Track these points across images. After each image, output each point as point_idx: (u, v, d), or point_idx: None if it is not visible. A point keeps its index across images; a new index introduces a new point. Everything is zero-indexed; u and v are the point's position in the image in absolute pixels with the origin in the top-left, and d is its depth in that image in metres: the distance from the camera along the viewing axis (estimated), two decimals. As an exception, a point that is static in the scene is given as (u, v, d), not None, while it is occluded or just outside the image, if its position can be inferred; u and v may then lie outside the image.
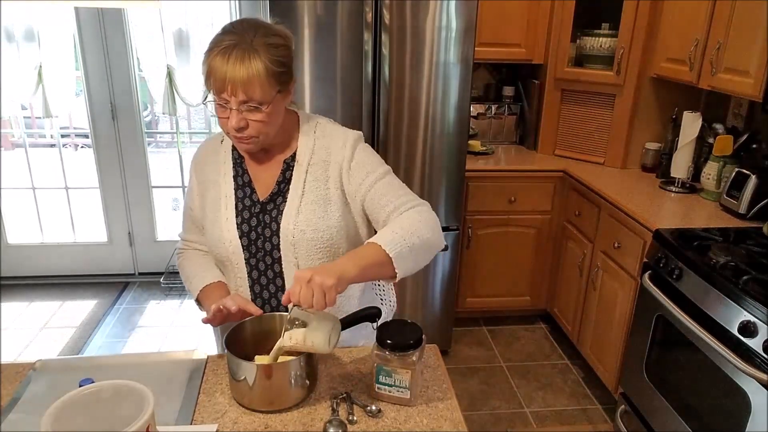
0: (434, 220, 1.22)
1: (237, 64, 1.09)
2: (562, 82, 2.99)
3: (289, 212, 1.25)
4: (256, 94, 1.11)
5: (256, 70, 1.10)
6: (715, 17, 2.26)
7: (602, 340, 2.54)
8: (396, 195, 1.25)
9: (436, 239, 1.21)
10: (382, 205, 1.24)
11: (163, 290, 3.55)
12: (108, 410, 0.87)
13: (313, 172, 1.27)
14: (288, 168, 1.28)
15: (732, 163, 2.36)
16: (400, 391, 1.12)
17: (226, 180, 1.31)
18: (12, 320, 3.19)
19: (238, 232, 1.28)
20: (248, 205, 1.29)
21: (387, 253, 1.10)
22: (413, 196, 1.27)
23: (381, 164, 1.29)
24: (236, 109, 1.13)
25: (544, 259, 3.07)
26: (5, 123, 3.83)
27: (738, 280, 1.70)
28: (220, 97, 1.13)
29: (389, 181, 1.27)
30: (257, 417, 1.08)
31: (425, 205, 1.25)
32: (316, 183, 1.26)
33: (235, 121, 1.13)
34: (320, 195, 1.26)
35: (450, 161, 2.58)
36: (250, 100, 1.12)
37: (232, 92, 1.11)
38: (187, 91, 3.25)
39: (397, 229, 1.15)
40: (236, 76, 1.09)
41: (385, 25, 2.35)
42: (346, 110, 2.45)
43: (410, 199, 1.25)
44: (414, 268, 1.18)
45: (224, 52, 1.10)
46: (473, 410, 2.54)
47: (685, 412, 1.89)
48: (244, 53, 1.10)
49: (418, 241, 1.15)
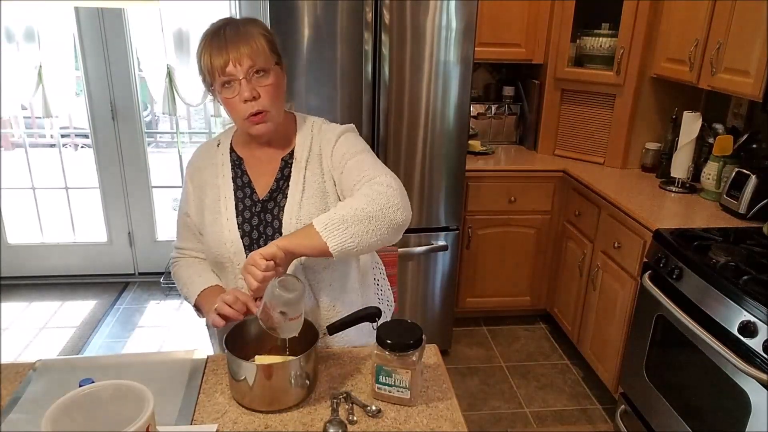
0: (380, 191, 1.14)
1: (234, 36, 1.15)
2: (562, 82, 2.99)
3: (290, 208, 1.25)
4: (259, 58, 1.16)
5: (253, 35, 1.17)
6: (715, 17, 2.26)
7: (602, 340, 2.54)
8: (358, 172, 1.21)
9: (379, 209, 1.12)
10: (349, 186, 1.22)
11: (163, 290, 3.55)
12: (108, 410, 0.87)
13: (311, 168, 1.28)
14: (286, 165, 1.29)
15: (732, 163, 2.36)
16: (400, 391, 1.12)
17: (225, 182, 1.31)
18: (12, 320, 3.19)
19: (240, 232, 1.27)
20: (248, 205, 1.29)
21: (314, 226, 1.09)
22: (374, 170, 1.20)
23: (358, 145, 1.28)
24: (244, 78, 1.16)
25: (544, 259, 3.07)
26: (5, 123, 3.83)
27: (738, 280, 1.70)
28: (226, 73, 1.15)
29: (360, 159, 1.24)
30: (257, 417, 1.08)
31: (381, 176, 1.18)
32: (314, 177, 1.27)
33: (248, 92, 1.16)
34: (319, 188, 1.27)
35: (450, 161, 2.58)
36: (255, 65, 1.16)
37: (236, 62, 1.14)
38: (187, 91, 3.25)
39: (336, 206, 1.15)
40: (237, 45, 1.14)
41: (385, 25, 2.35)
42: (346, 110, 2.45)
43: (367, 175, 1.19)
44: (358, 242, 1.10)
45: (218, 31, 1.16)
46: (473, 410, 2.54)
47: (685, 412, 1.89)
48: (237, 26, 1.18)
49: (351, 212, 1.10)
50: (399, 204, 1.15)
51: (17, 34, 3.06)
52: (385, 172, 1.20)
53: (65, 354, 2.87)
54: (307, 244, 1.10)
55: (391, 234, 1.15)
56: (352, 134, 1.32)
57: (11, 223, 3.58)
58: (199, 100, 3.28)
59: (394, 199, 1.14)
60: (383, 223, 1.12)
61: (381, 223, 1.12)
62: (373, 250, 1.21)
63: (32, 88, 3.14)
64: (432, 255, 2.72)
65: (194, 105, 3.32)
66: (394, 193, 1.15)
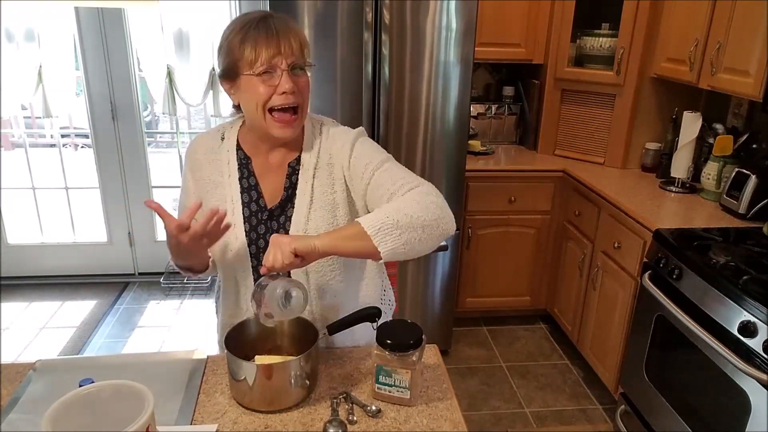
0: (432, 200, 1.12)
1: (285, 28, 1.14)
2: (562, 82, 2.99)
3: (297, 219, 1.22)
4: (302, 54, 1.17)
5: (298, 32, 1.16)
6: (715, 17, 2.26)
7: (602, 340, 2.54)
8: (393, 181, 1.17)
9: (434, 219, 1.10)
10: (380, 195, 1.17)
11: (163, 290, 3.55)
12: (108, 410, 0.87)
13: (320, 177, 1.24)
14: (293, 172, 1.25)
15: (732, 163, 2.36)
16: (400, 391, 1.12)
17: (231, 182, 1.26)
18: (12, 320, 3.19)
19: (247, 240, 1.25)
20: (255, 211, 1.26)
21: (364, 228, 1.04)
22: (413, 178, 1.18)
23: (380, 153, 1.23)
24: (287, 70, 1.14)
25: (544, 259, 3.07)
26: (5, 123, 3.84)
27: (738, 280, 1.70)
28: (271, 64, 1.13)
29: (388, 167, 1.20)
30: (257, 417, 1.08)
31: (425, 185, 1.16)
32: (323, 188, 1.23)
33: (289, 84, 1.14)
34: (328, 201, 1.23)
35: (450, 161, 2.58)
36: (298, 61, 1.16)
37: (285, 54, 1.13)
38: (187, 91, 3.25)
39: (384, 209, 1.09)
40: (288, 37, 1.13)
41: (385, 25, 2.35)
42: (346, 110, 2.45)
43: (408, 182, 1.16)
44: (408, 249, 1.08)
45: (260, 23, 1.13)
46: (473, 410, 2.54)
47: (685, 412, 1.89)
48: (282, 20, 1.16)
49: (407, 219, 1.06)
50: (450, 216, 1.14)
51: (17, 34, 3.06)
52: (424, 181, 1.19)
53: (65, 354, 2.87)
54: (355, 246, 1.06)
55: (437, 244, 1.14)
56: (367, 140, 1.26)
57: (11, 223, 3.58)
58: (199, 100, 3.28)
59: (446, 210, 1.14)
60: (436, 232, 1.10)
61: (434, 233, 1.10)
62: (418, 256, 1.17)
63: (32, 88, 3.14)
64: (432, 255, 2.72)
65: (194, 105, 3.32)
66: (444, 204, 1.14)
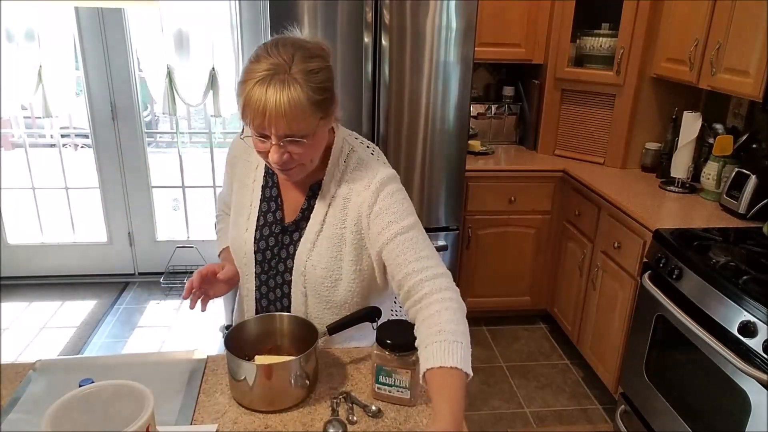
0: (462, 310, 1.10)
1: (277, 98, 0.99)
2: (562, 82, 2.99)
3: (304, 244, 1.21)
4: (298, 127, 1.03)
5: (298, 102, 1.00)
6: (715, 17, 2.26)
7: (602, 340, 2.55)
8: (416, 256, 1.12)
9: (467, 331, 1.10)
10: (399, 263, 1.12)
11: (163, 290, 3.55)
12: (108, 410, 0.87)
13: (334, 207, 1.20)
14: (313, 195, 1.22)
15: (732, 163, 2.36)
16: (400, 391, 1.12)
17: (255, 188, 1.27)
18: (12, 320, 3.19)
19: (254, 248, 1.26)
20: (270, 222, 1.25)
21: (466, 373, 1.00)
22: (435, 260, 1.14)
23: (407, 215, 1.15)
24: (277, 144, 1.04)
25: (544, 259, 3.07)
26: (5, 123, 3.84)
27: (738, 280, 1.70)
28: (260, 132, 1.05)
29: (412, 236, 1.13)
30: (257, 417, 1.08)
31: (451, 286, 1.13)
32: (334, 221, 1.20)
33: (277, 156, 1.05)
34: (335, 233, 1.20)
35: (450, 161, 2.58)
36: (292, 134, 1.03)
37: (272, 127, 1.02)
38: (187, 91, 3.25)
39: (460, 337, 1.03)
40: (277, 111, 0.99)
41: (385, 25, 2.35)
42: (346, 110, 2.45)
43: (430, 266, 1.12)
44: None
45: (261, 83, 1.00)
46: (473, 410, 2.54)
47: (685, 412, 1.89)
48: (284, 84, 1.00)
49: (467, 339, 1.05)
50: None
51: (17, 34, 3.06)
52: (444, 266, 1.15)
53: (65, 354, 2.87)
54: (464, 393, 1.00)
55: None
56: (397, 191, 1.17)
57: (11, 223, 3.58)
58: (199, 100, 3.28)
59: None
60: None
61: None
62: None
63: (32, 88, 3.14)
64: (432, 255, 2.72)
65: (194, 105, 3.32)
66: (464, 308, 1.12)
